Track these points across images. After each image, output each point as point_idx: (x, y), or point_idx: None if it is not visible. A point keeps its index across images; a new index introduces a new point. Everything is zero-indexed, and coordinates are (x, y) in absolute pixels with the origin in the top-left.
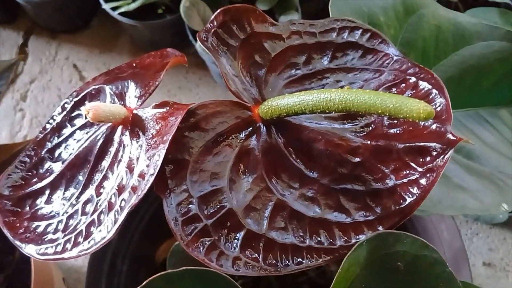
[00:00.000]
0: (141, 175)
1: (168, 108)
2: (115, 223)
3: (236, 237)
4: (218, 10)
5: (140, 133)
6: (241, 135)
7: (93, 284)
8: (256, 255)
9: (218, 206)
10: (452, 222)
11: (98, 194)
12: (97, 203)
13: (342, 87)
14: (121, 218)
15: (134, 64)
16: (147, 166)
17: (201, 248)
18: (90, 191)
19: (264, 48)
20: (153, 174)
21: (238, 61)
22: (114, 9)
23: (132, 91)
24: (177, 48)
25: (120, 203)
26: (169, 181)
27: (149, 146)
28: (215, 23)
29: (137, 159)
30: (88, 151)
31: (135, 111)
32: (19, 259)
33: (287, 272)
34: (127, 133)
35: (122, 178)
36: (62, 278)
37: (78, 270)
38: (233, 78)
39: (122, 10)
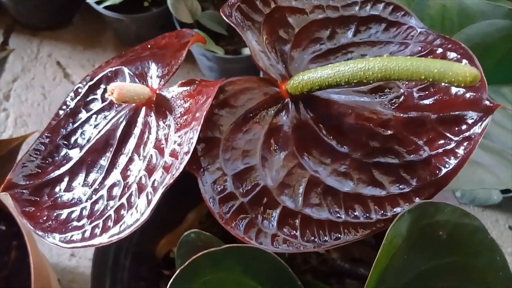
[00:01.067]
0: (174, 155)
1: (195, 86)
2: (148, 205)
3: (273, 215)
4: None
5: (167, 113)
6: (269, 112)
7: (97, 279)
8: (294, 231)
9: (253, 184)
10: (456, 202)
11: (125, 177)
12: (124, 186)
13: None
14: (155, 199)
15: (149, 46)
16: (179, 144)
17: (240, 226)
18: (115, 175)
19: (288, 23)
20: (188, 152)
21: (263, 37)
22: (98, 3)
23: (154, 71)
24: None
25: (153, 184)
26: (201, 160)
27: (179, 125)
28: None
29: (166, 139)
30: (109, 135)
31: (158, 91)
32: (15, 260)
33: (326, 247)
34: (152, 113)
35: (151, 159)
36: (57, 279)
37: (72, 271)
38: (260, 54)
39: (107, 3)
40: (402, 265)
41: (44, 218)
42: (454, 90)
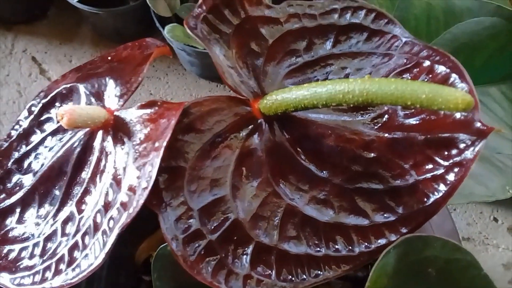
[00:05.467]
0: (131, 189)
1: (156, 108)
2: (103, 247)
3: (245, 252)
4: None
5: (125, 139)
6: (241, 135)
7: None
8: (269, 271)
9: (222, 218)
10: (447, 212)
11: (80, 211)
12: (79, 222)
13: (348, 74)
14: (111, 240)
15: (109, 58)
16: (138, 178)
17: (207, 269)
18: (70, 207)
19: (261, 34)
20: (146, 188)
21: (233, 50)
22: None
23: (111, 89)
24: (143, 35)
25: (108, 223)
26: (164, 193)
27: (138, 154)
28: (204, 8)
29: (124, 169)
30: (63, 161)
31: (116, 113)
32: None
33: (304, 287)
34: (109, 138)
35: (108, 193)
36: None
37: None
38: (228, 70)
39: None
40: None
41: None
42: None
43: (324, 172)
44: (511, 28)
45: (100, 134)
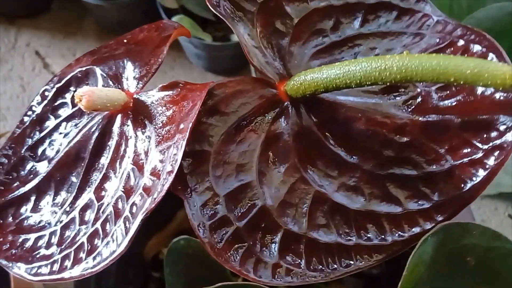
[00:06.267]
0: (155, 173)
1: (179, 90)
2: (126, 234)
3: (274, 240)
4: None
5: (146, 122)
6: (267, 118)
7: (81, 286)
8: (298, 260)
9: (249, 205)
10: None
11: (99, 198)
12: (99, 209)
13: (377, 55)
14: (134, 227)
15: (125, 41)
16: (161, 161)
17: (236, 257)
18: (88, 194)
19: (286, 13)
20: (171, 172)
21: (257, 29)
22: None
23: (130, 71)
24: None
25: (131, 209)
26: (188, 178)
27: (161, 137)
28: None
29: (146, 153)
30: (80, 147)
31: (136, 96)
32: None
33: (335, 277)
34: (129, 122)
35: (129, 178)
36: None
37: None
38: (254, 50)
39: None
40: None
41: (8, 245)
42: (480, 89)
43: (354, 157)
44: None
45: (119, 118)
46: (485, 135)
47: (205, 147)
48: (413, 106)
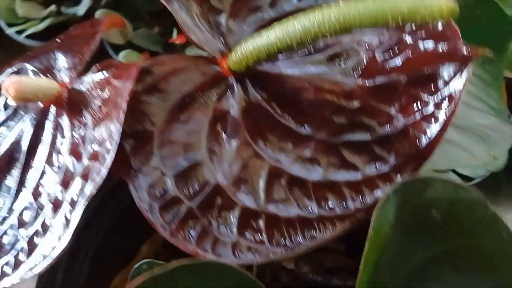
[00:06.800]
0: (94, 156)
1: (113, 69)
2: (67, 225)
3: (231, 218)
4: None
5: (83, 108)
6: (212, 96)
7: None
8: (259, 236)
9: (201, 183)
10: None
11: (37, 196)
12: (38, 208)
13: None
14: (75, 216)
15: (58, 40)
16: (99, 143)
17: (191, 237)
18: (26, 196)
19: None
20: (110, 150)
21: (193, 7)
22: (19, 32)
23: (63, 62)
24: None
25: (70, 198)
26: (132, 160)
27: (98, 119)
28: None
29: (83, 139)
30: (13, 149)
31: (70, 86)
32: None
33: (301, 251)
34: (64, 113)
35: (67, 168)
36: None
37: None
38: (192, 28)
39: (28, 32)
40: (396, 258)
41: None
42: (423, 44)
43: (306, 128)
44: None
45: (53, 110)
46: (432, 86)
47: (148, 126)
48: (359, 71)
